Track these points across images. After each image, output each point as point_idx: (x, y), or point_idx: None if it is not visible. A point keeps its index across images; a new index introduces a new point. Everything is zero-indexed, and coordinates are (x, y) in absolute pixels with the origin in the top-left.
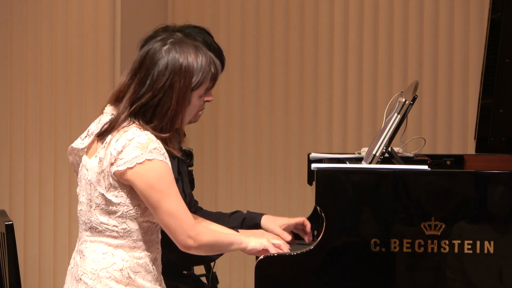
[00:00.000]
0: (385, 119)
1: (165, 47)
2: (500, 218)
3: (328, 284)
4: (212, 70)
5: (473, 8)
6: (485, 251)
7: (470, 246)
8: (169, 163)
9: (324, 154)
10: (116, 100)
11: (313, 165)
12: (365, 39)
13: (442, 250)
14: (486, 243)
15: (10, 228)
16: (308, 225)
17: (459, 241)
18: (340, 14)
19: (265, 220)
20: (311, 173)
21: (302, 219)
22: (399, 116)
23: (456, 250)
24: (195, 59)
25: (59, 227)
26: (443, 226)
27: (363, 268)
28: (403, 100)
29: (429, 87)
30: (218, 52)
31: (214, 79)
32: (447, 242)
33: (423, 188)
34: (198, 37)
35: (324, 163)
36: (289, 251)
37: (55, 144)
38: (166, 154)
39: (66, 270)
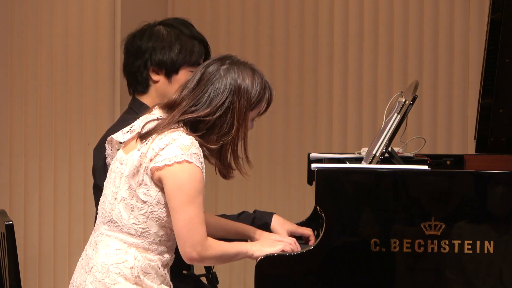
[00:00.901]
0: (385, 119)
1: (224, 67)
2: (500, 218)
3: (328, 284)
4: (267, 94)
5: (473, 8)
6: (485, 251)
7: (470, 246)
8: (204, 173)
9: (324, 154)
10: (168, 108)
11: (313, 165)
12: (365, 39)
13: (442, 250)
14: (486, 243)
15: (10, 228)
16: (312, 241)
17: (459, 241)
18: (340, 14)
19: (274, 222)
20: (311, 173)
21: (309, 233)
22: (399, 116)
23: (456, 250)
24: (252, 81)
25: (59, 227)
26: (443, 226)
27: (363, 268)
28: (403, 100)
29: (429, 87)
30: (202, 41)
31: (268, 103)
32: (447, 242)
33: (423, 188)
34: (180, 26)
35: (324, 163)
36: (297, 249)
37: (55, 144)
38: (203, 164)
39: (66, 270)
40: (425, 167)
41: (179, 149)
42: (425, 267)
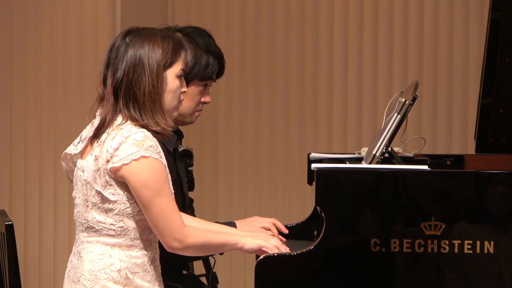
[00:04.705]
0: (385, 119)
1: (128, 37)
2: (500, 218)
3: (328, 284)
4: (183, 53)
5: (473, 8)
6: (485, 251)
7: (470, 246)
8: (164, 162)
9: (324, 154)
10: (101, 101)
11: (313, 165)
12: (365, 39)
13: (442, 250)
14: (486, 243)
15: (10, 228)
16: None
17: (459, 241)
18: (340, 14)
19: (239, 227)
20: (311, 173)
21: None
22: (399, 116)
23: (456, 250)
24: (160, 40)
25: (59, 227)
26: (443, 226)
27: (363, 268)
28: (403, 100)
29: (429, 87)
30: (218, 55)
31: (186, 63)
32: (447, 242)
33: (423, 188)
34: (198, 38)
35: (324, 163)
36: (287, 250)
37: (55, 144)
38: (162, 153)
39: (65, 270)
40: (425, 167)
41: (134, 146)
42: (425, 267)
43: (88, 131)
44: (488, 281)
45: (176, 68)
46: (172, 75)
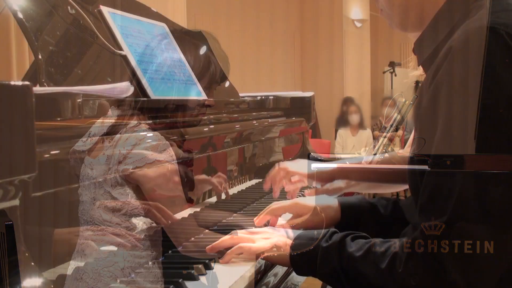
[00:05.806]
0: (385, 119)
1: None
2: (500, 218)
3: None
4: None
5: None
6: (485, 251)
7: (470, 246)
8: (176, 165)
9: (324, 154)
10: (114, 100)
11: (313, 165)
12: (365, 38)
13: (442, 250)
14: (486, 243)
15: (10, 228)
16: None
17: (459, 241)
18: (339, 16)
19: None
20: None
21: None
22: (399, 116)
23: (456, 250)
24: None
25: (59, 227)
26: (443, 226)
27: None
28: (403, 100)
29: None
30: (223, 59)
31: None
32: (447, 242)
33: (423, 188)
34: (203, 41)
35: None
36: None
37: (55, 143)
38: (174, 156)
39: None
40: (425, 167)
41: (148, 149)
42: (425, 267)
43: (97, 128)
44: (488, 281)
45: None
46: None
